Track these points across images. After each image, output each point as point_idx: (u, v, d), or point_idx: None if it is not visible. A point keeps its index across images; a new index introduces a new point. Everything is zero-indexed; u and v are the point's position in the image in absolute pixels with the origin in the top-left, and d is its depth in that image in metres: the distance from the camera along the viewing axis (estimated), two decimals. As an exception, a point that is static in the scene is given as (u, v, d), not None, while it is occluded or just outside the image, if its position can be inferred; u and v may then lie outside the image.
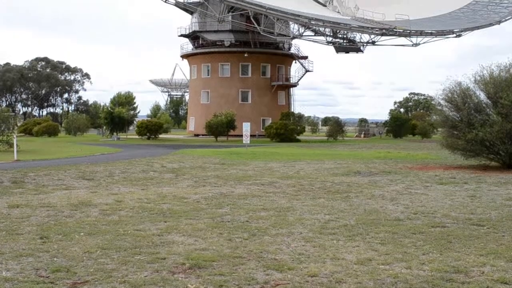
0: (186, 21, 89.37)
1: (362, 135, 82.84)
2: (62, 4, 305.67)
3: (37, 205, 13.66)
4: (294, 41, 74.87)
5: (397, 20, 57.18)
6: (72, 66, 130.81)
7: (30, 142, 52.21)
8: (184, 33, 75.97)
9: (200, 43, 74.85)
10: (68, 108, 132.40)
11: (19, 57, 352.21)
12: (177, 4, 66.57)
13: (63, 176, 20.89)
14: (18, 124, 73.84)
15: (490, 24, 61.46)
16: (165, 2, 61.73)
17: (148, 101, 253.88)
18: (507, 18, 62.63)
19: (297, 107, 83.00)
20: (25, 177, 20.10)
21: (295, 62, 77.31)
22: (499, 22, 61.62)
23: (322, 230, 10.62)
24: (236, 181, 19.71)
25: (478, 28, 60.89)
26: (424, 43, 60.32)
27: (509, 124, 23.58)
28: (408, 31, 56.30)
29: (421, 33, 57.79)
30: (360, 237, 10.05)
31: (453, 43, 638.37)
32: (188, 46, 77.38)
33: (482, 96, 26.04)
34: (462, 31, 60.16)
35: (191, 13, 73.57)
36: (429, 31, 58.23)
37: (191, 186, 18.13)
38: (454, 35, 60.24)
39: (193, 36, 75.11)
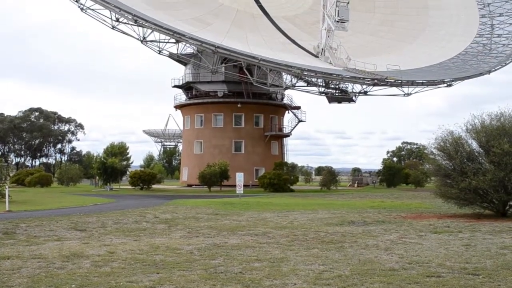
0: (180, 72, 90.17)
1: (356, 185, 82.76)
2: (56, 55, 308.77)
3: (28, 256, 13.49)
4: (287, 92, 75.55)
5: (388, 70, 57.80)
6: (66, 116, 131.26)
7: (22, 193, 51.92)
8: (177, 84, 76.57)
9: (193, 93, 75.34)
10: (61, 159, 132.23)
11: (12, 108, 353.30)
12: (171, 56, 67.27)
13: (55, 227, 20.71)
14: (11, 175, 73.58)
15: (480, 74, 62.18)
16: (159, 53, 62.39)
17: (141, 151, 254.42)
18: (497, 67, 63.44)
19: (290, 157, 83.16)
20: (17, 228, 19.90)
21: (288, 112, 77.80)
22: (489, 71, 62.36)
23: (317, 281, 10.50)
24: (229, 231, 19.58)
25: (468, 77, 61.57)
26: (415, 92, 60.94)
27: (501, 172, 23.65)
28: (400, 81, 56.83)
29: (412, 83, 58.32)
30: (355, 287, 9.94)
31: (444, 92, 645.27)
32: (181, 96, 77.89)
33: (474, 145, 26.20)
34: (452, 81, 60.81)
35: (185, 64, 74.30)
36: (420, 81, 58.80)
37: (184, 237, 17.98)
38: (445, 84, 60.86)
39: (186, 87, 75.66)
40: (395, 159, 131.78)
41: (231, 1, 67.85)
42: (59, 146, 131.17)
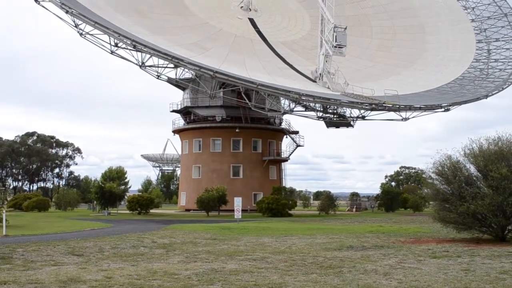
0: (178, 97, 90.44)
1: (354, 209, 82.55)
2: (54, 79, 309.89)
3: (25, 281, 13.41)
4: (285, 116, 75.79)
5: (386, 95, 57.93)
6: (64, 140, 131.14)
7: (20, 217, 51.72)
8: (176, 108, 76.77)
9: (191, 118, 75.50)
10: (59, 183, 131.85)
11: (10, 132, 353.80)
12: (170, 81, 67.52)
13: (52, 251, 20.61)
14: (8, 199, 73.36)
15: (478, 99, 62.36)
16: (158, 78, 62.58)
17: (139, 176, 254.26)
18: (494, 92, 63.66)
19: (289, 182, 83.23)
20: (14, 253, 19.80)
21: (286, 137, 77.93)
22: (486, 96, 62.56)
23: (315, 306, 10.43)
24: (227, 256, 19.49)
25: (465, 102, 61.73)
26: (413, 117, 61.05)
27: (500, 196, 23.64)
28: (397, 106, 56.96)
29: (410, 108, 58.46)
30: (354, 312, 9.88)
31: (441, 117, 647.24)
32: (179, 121, 78.04)
33: (472, 169, 26.23)
34: (450, 106, 60.95)
35: (183, 89, 74.57)
36: (418, 106, 58.96)
37: (182, 262, 17.89)
38: (443, 109, 61.02)
39: (184, 112, 75.83)
40: (393, 183, 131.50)
41: (230, 26, 68.25)
42: (57, 170, 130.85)
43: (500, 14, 72.44)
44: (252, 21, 70.62)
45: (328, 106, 65.30)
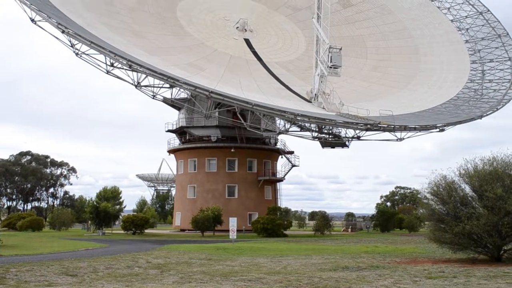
0: (174, 117, 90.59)
1: (350, 230, 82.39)
2: (50, 99, 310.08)
3: (18, 302, 13.31)
4: (280, 136, 75.82)
5: (381, 115, 58.07)
6: (58, 160, 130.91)
7: (13, 237, 51.44)
8: (171, 128, 76.81)
9: (187, 138, 75.51)
10: (53, 203, 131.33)
11: (4, 152, 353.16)
12: (165, 100, 67.63)
13: (46, 272, 20.47)
14: (2, 218, 73.08)
15: (472, 119, 62.53)
16: (153, 98, 62.69)
17: (134, 196, 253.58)
18: (488, 112, 63.87)
19: (284, 202, 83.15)
20: (7, 273, 19.67)
21: (282, 157, 77.91)
22: (480, 116, 62.74)
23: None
24: (222, 277, 19.39)
25: (460, 122, 61.90)
26: (408, 137, 61.16)
27: (495, 217, 23.65)
28: (392, 126, 57.07)
29: (405, 128, 58.55)
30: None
31: (436, 137, 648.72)
32: (175, 141, 78.05)
33: (468, 189, 26.26)
34: (445, 126, 61.10)
35: (179, 109, 74.66)
36: (413, 126, 59.08)
37: (176, 282, 17.79)
38: (437, 129, 61.16)
39: (180, 132, 75.87)
40: (388, 203, 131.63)
41: (225, 46, 68.54)
42: (51, 190, 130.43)
43: (494, 35, 72.93)
44: (247, 41, 70.95)
45: (323, 126, 65.45)
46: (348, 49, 67.09)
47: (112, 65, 55.07)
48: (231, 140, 71.72)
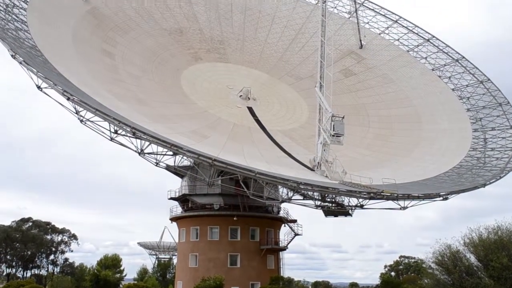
0: (176, 184, 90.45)
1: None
2: (53, 164, 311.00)
3: None
4: (283, 205, 75.44)
5: (384, 184, 57.88)
6: (60, 227, 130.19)
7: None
8: (174, 196, 76.63)
9: (189, 206, 75.18)
10: (53, 270, 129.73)
11: (6, 218, 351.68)
12: (168, 168, 67.65)
13: None
14: (1, 286, 72.09)
15: (476, 187, 62.23)
16: (156, 165, 62.71)
17: (135, 264, 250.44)
18: (491, 181, 63.63)
19: (287, 271, 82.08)
20: None
21: (284, 226, 77.29)
22: (484, 185, 62.45)
23: None
24: None
25: (464, 191, 61.55)
26: (411, 206, 60.73)
27: (502, 287, 23.20)
28: (396, 195, 56.78)
29: (408, 197, 58.22)
30: None
31: (438, 205, 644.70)
32: (177, 209, 77.71)
33: (473, 258, 25.94)
34: (448, 194, 60.77)
35: (181, 176, 74.63)
36: (416, 195, 58.76)
37: None
38: (441, 198, 60.80)
39: (182, 199, 75.62)
40: (393, 273, 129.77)
41: (229, 115, 69.18)
42: (51, 257, 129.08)
43: (495, 104, 73.62)
44: (251, 109, 71.67)
45: (326, 195, 65.15)
46: (351, 117, 67.62)
47: (116, 132, 55.30)
48: (234, 208, 71.41)
